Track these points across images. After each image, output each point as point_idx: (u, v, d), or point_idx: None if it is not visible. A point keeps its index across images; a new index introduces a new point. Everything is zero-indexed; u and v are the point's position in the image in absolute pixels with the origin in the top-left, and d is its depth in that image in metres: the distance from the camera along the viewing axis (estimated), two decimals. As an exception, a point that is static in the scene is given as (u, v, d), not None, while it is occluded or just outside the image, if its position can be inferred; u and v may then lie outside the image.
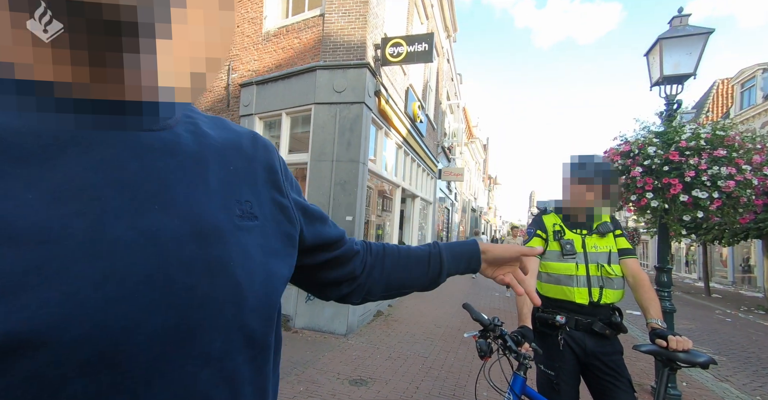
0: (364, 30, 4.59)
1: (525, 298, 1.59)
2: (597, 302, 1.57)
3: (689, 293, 11.35)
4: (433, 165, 9.64)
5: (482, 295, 7.98)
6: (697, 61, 2.72)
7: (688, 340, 1.31)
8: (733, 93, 14.57)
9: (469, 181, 20.37)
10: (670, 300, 2.93)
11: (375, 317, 5.17)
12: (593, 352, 1.56)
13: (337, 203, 4.49)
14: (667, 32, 2.84)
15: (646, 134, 2.91)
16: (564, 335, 1.60)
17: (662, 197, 2.71)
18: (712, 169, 2.50)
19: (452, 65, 12.44)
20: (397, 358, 3.64)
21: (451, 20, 10.19)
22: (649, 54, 3.02)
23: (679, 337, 1.33)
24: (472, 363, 3.63)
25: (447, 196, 13.39)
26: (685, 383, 3.50)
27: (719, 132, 2.60)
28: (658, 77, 2.90)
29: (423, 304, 6.34)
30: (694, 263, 16.80)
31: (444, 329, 4.82)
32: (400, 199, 7.06)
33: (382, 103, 5.02)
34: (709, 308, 8.51)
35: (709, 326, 6.45)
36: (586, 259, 1.62)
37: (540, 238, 1.73)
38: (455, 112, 13.73)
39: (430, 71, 8.73)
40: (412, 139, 6.98)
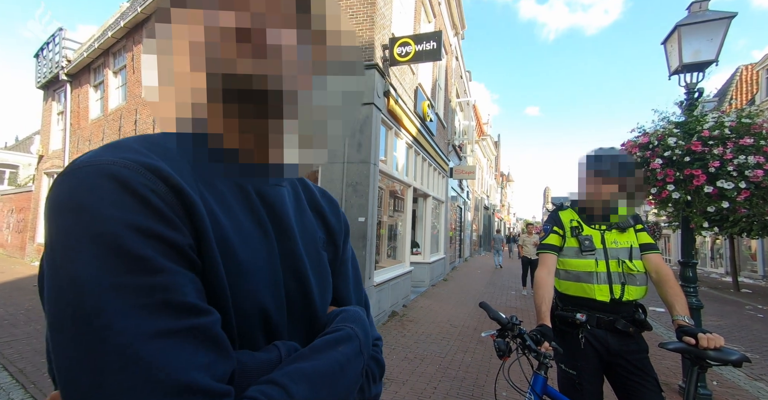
0: (371, 31, 4.59)
1: (543, 296, 1.55)
2: (619, 299, 1.53)
3: (716, 288, 10.90)
4: (444, 164, 9.57)
5: (498, 293, 7.87)
6: (719, 47, 2.61)
7: (719, 337, 1.26)
8: (758, 79, 13.93)
9: (481, 179, 20.14)
10: (696, 296, 2.82)
11: (390, 317, 5.16)
12: (617, 351, 1.52)
13: (349, 204, 4.51)
14: (685, 19, 2.74)
15: (665, 125, 2.81)
16: (585, 333, 1.56)
17: (684, 189, 2.61)
18: (738, 158, 2.39)
19: (461, 62, 12.32)
20: (413, 358, 3.62)
21: (458, 17, 10.10)
22: (666, 42, 2.92)
23: (710, 334, 1.28)
24: (490, 363, 3.58)
25: (459, 194, 13.27)
26: (716, 383, 3.36)
27: (745, 120, 2.49)
28: (677, 66, 2.80)
29: (438, 303, 6.30)
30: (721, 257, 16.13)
31: (460, 329, 4.78)
32: (411, 199, 7.03)
33: (391, 103, 5.01)
34: (738, 304, 8.15)
35: (739, 323, 6.18)
36: (606, 255, 1.58)
37: (557, 234, 1.69)
38: (465, 110, 13.60)
39: (439, 70, 8.67)
40: (423, 139, 6.95)
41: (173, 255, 0.33)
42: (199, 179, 0.41)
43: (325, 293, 0.53)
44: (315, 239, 0.54)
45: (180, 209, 0.35)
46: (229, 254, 0.39)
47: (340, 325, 0.48)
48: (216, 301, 0.37)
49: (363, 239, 4.42)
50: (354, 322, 0.50)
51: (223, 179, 0.44)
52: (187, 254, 0.34)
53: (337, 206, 0.64)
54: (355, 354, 0.46)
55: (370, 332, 0.52)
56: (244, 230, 0.43)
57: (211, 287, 0.37)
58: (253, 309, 0.41)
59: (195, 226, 0.36)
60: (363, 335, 0.49)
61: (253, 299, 0.41)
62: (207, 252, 0.37)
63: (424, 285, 7.71)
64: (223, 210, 0.41)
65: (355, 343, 0.46)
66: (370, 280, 4.53)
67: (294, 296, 0.47)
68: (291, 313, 0.47)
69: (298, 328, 0.48)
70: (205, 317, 0.33)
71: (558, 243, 1.68)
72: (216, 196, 0.41)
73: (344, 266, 0.60)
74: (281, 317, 0.45)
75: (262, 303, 0.42)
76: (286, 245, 0.48)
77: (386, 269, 5.64)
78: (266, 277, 0.43)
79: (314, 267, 0.51)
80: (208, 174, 0.42)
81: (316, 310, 0.50)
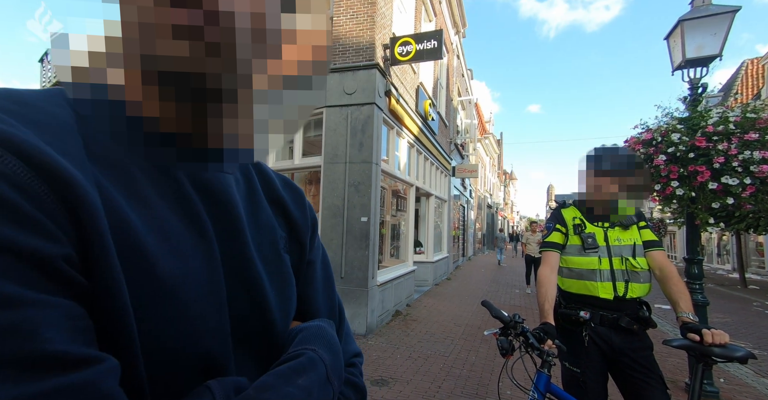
0: (372, 31, 4.59)
1: (546, 294, 1.55)
2: (622, 296, 1.52)
3: (723, 284, 10.80)
4: (447, 163, 9.55)
5: (502, 291, 7.85)
6: (722, 41, 2.58)
7: (724, 333, 1.25)
8: (764, 73, 13.76)
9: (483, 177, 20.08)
10: (702, 293, 2.80)
11: (394, 317, 5.17)
12: (621, 348, 1.51)
13: (351, 204, 4.51)
14: (688, 13, 2.71)
15: (669, 121, 2.79)
16: (589, 331, 1.55)
17: (688, 185, 2.59)
18: (743, 154, 2.37)
19: (462, 61, 12.29)
20: (417, 357, 3.63)
21: (459, 16, 10.07)
22: (669, 37, 2.89)
23: (715, 330, 1.27)
24: (494, 361, 3.57)
25: (462, 193, 13.24)
26: (723, 380, 3.34)
27: (750, 114, 2.47)
28: (681, 61, 2.77)
29: (441, 302, 6.30)
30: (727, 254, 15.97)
31: (464, 328, 4.77)
32: (414, 198, 7.03)
33: (392, 102, 5.01)
34: (745, 300, 8.07)
35: (746, 319, 6.12)
36: (609, 252, 1.57)
37: (560, 232, 1.69)
38: (467, 108, 13.55)
39: (440, 68, 8.65)
40: (425, 138, 6.94)
41: (30, 274, 0.22)
42: (98, 162, 0.29)
43: (287, 307, 0.42)
44: (274, 238, 0.44)
45: (53, 203, 0.24)
46: (141, 266, 0.28)
47: (298, 349, 0.37)
48: (116, 337, 0.26)
49: (366, 239, 4.42)
50: (317, 341, 0.39)
51: (133, 162, 0.32)
52: (59, 271, 0.23)
53: (302, 195, 0.52)
54: (321, 385, 0.35)
55: (340, 352, 0.40)
56: (168, 231, 0.31)
57: (110, 317, 0.25)
58: (182, 341, 0.30)
59: (82, 228, 0.25)
60: (330, 357, 0.38)
61: (183, 326, 0.30)
62: (102, 266, 0.25)
63: (428, 284, 7.71)
64: (136, 205, 0.30)
65: (320, 370, 0.36)
66: (373, 279, 4.54)
67: (244, 314, 0.37)
68: (241, 338, 0.37)
69: (251, 356, 0.38)
70: (87, 370, 0.22)
71: (561, 241, 1.67)
72: (124, 186, 0.30)
73: (311, 268, 0.49)
74: (223, 345, 0.34)
75: (194, 331, 0.31)
76: (233, 247, 0.37)
77: (389, 268, 5.64)
78: (202, 293, 0.32)
79: (272, 275, 0.41)
80: (114, 154, 0.30)
81: (275, 329, 0.40)
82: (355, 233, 4.45)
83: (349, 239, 4.47)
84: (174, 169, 0.34)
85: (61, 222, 0.24)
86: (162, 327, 0.29)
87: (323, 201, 4.64)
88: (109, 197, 0.28)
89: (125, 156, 0.31)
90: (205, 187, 0.36)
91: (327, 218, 4.58)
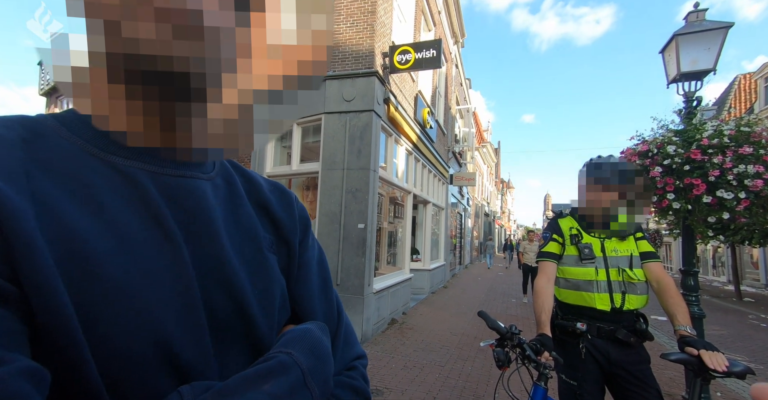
0: (371, 39, 4.65)
1: (542, 305, 1.54)
2: (620, 308, 1.51)
3: (718, 296, 10.82)
4: (445, 170, 9.58)
5: (498, 301, 7.81)
6: (716, 56, 2.63)
7: (723, 357, 1.23)
8: (757, 88, 14.04)
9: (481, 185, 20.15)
10: (698, 305, 2.79)
11: (389, 325, 5.11)
12: (618, 361, 1.49)
13: (348, 210, 4.50)
14: (682, 28, 2.77)
15: (664, 133, 2.82)
16: (586, 343, 1.54)
17: (684, 198, 2.61)
18: (737, 167, 2.39)
19: (461, 70, 12.43)
20: (413, 367, 3.57)
21: (458, 26, 10.23)
22: (664, 51, 2.94)
23: (713, 352, 1.24)
24: (491, 372, 3.53)
25: (459, 201, 13.26)
26: (720, 394, 3.31)
27: (744, 128, 2.49)
28: (675, 74, 2.82)
29: (438, 311, 6.24)
30: (722, 265, 16.03)
31: (460, 337, 4.73)
32: (411, 205, 7.03)
33: (391, 110, 5.04)
34: (741, 313, 8.07)
35: (741, 332, 6.11)
36: (606, 263, 1.56)
37: (557, 242, 1.68)
38: (465, 117, 13.67)
39: (439, 77, 8.74)
40: (423, 146, 6.97)
41: None
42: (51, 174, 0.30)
43: (269, 308, 0.41)
44: (256, 238, 0.43)
45: None
46: (87, 268, 0.28)
47: (273, 352, 0.35)
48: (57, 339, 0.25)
49: (363, 246, 4.40)
50: (296, 345, 0.36)
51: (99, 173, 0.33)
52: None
53: (290, 198, 0.51)
54: (294, 390, 0.32)
55: (326, 355, 0.38)
56: (125, 235, 0.31)
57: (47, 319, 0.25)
58: (141, 343, 0.29)
59: (2, 230, 0.25)
60: (310, 361, 0.35)
61: (139, 328, 0.29)
62: (29, 268, 0.25)
63: (424, 292, 7.65)
64: (87, 210, 0.30)
65: (293, 374, 0.33)
66: (369, 287, 4.50)
67: (223, 316, 0.36)
68: (222, 340, 0.36)
69: (236, 359, 0.37)
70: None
71: (557, 251, 1.67)
72: (79, 195, 0.31)
73: (305, 269, 0.48)
74: (199, 350, 0.33)
75: (157, 333, 0.30)
76: (205, 249, 0.37)
77: (386, 275, 5.60)
78: (168, 295, 0.32)
79: (253, 275, 0.40)
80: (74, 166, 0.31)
81: (258, 330, 0.39)
82: (352, 240, 4.43)
83: (345, 246, 4.44)
84: (137, 176, 0.35)
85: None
86: (117, 330, 0.28)
87: (320, 207, 4.62)
88: (52, 206, 0.29)
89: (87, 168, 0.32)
90: (172, 193, 0.37)
91: (324, 224, 4.56)
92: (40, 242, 0.26)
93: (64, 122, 0.34)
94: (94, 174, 0.33)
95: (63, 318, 0.26)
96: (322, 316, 0.47)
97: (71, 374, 0.26)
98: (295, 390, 0.32)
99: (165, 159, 0.34)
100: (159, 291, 0.32)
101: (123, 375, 0.29)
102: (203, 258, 0.36)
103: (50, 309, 0.25)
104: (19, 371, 0.23)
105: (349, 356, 0.46)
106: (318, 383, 0.35)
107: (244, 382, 0.31)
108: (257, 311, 0.39)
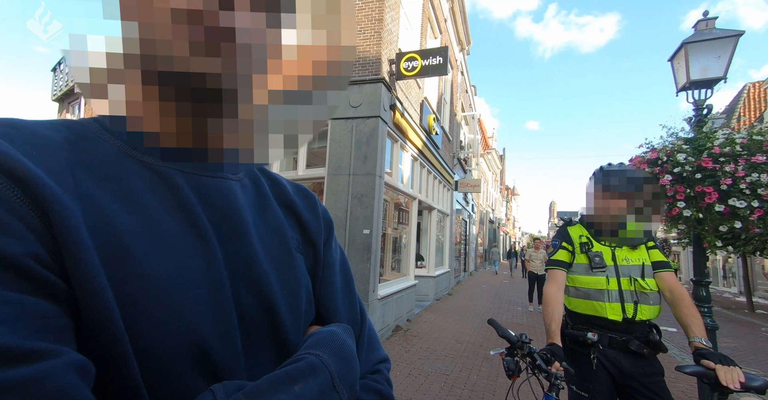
0: (378, 46, 4.70)
1: (552, 313, 1.51)
2: (632, 318, 1.48)
3: (729, 308, 10.58)
4: (450, 177, 9.57)
5: (504, 309, 7.71)
6: (727, 64, 2.62)
7: (739, 373, 1.19)
8: (766, 96, 13.92)
9: (486, 192, 20.07)
10: (711, 316, 2.73)
11: (394, 332, 5.06)
12: (631, 373, 1.46)
13: (354, 216, 4.50)
14: (692, 36, 2.76)
15: (674, 141, 2.79)
16: (597, 353, 1.51)
17: (695, 206, 2.57)
18: (750, 176, 2.35)
19: (466, 77, 12.50)
20: (417, 375, 3.52)
21: (464, 33, 10.31)
22: (673, 59, 2.93)
23: (729, 367, 1.20)
24: (497, 382, 3.47)
25: (464, 207, 13.21)
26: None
27: (756, 137, 2.46)
28: (685, 82, 2.80)
29: (443, 318, 6.17)
30: (733, 276, 15.70)
31: (465, 345, 4.66)
32: (416, 211, 7.01)
33: (397, 116, 5.07)
34: (754, 325, 7.87)
35: (755, 345, 5.95)
36: (617, 272, 1.54)
37: (566, 250, 1.66)
38: (470, 124, 13.69)
39: (444, 84, 8.79)
40: (428, 152, 6.98)
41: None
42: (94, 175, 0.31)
43: (296, 308, 0.41)
44: (284, 239, 0.43)
45: (24, 205, 0.25)
46: (128, 267, 0.28)
47: (301, 354, 0.35)
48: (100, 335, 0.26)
49: (368, 252, 4.38)
50: (323, 346, 0.36)
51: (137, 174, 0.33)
52: (25, 269, 0.23)
53: (314, 200, 0.52)
54: (323, 392, 0.32)
55: (353, 358, 0.38)
56: (163, 234, 0.32)
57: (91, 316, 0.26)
58: (177, 341, 0.29)
59: (54, 228, 0.25)
60: (338, 363, 0.35)
61: (176, 326, 0.30)
62: (78, 266, 0.25)
63: (429, 299, 7.58)
64: (128, 210, 0.31)
65: (322, 376, 0.33)
66: (374, 293, 4.47)
67: (252, 316, 0.36)
68: (250, 340, 0.36)
69: (264, 359, 0.37)
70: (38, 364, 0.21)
71: (567, 259, 1.65)
72: (120, 195, 0.31)
73: (329, 271, 0.48)
74: (230, 349, 0.33)
75: (193, 331, 0.30)
76: (236, 248, 0.37)
77: (390, 282, 5.57)
78: (202, 293, 0.32)
79: (281, 275, 0.40)
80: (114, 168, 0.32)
81: (285, 331, 0.39)
82: (357, 246, 4.42)
83: (351, 252, 4.43)
84: (172, 176, 0.35)
85: (32, 223, 0.25)
86: (155, 327, 0.29)
87: (326, 212, 4.62)
88: (97, 205, 0.29)
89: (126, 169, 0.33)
90: (205, 193, 0.37)
91: (329, 229, 4.56)
92: (87, 240, 0.27)
93: (103, 125, 0.35)
94: (133, 174, 0.33)
95: (107, 315, 0.26)
96: (346, 318, 0.47)
97: (113, 370, 0.26)
98: (324, 393, 0.32)
99: (196, 160, 0.35)
100: (194, 290, 0.32)
101: (159, 372, 0.29)
102: (234, 258, 0.37)
103: (96, 306, 0.26)
104: (69, 364, 0.23)
105: (374, 360, 0.46)
106: (345, 386, 0.35)
107: (275, 383, 0.31)
108: (285, 311, 0.39)
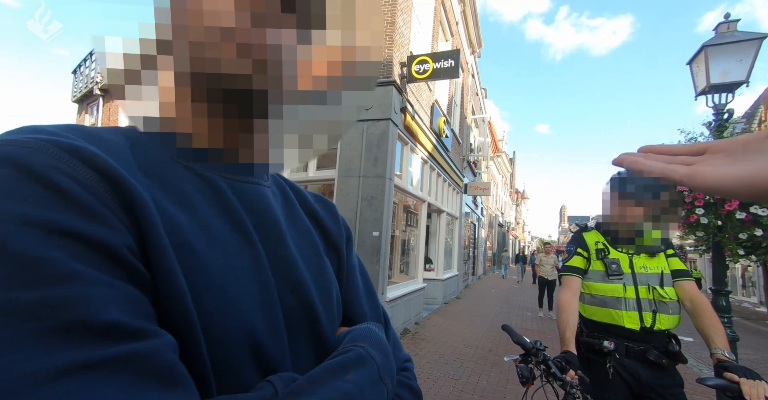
0: (390, 49, 4.71)
1: (567, 320, 1.48)
2: (650, 327, 1.44)
3: (749, 318, 10.24)
4: (459, 180, 9.52)
5: (513, 314, 7.61)
6: (749, 68, 2.55)
7: (766, 387, 1.13)
8: (787, 100, 13.49)
9: (495, 195, 19.90)
10: (731, 327, 2.64)
11: (402, 335, 5.04)
12: (650, 384, 1.42)
13: (363, 218, 4.51)
14: (712, 39, 2.70)
15: (693, 146, 2.73)
16: (614, 362, 1.47)
17: (714, 213, 2.50)
18: (773, 182, 2.28)
19: (477, 80, 12.45)
20: (426, 379, 3.50)
21: (475, 36, 10.28)
22: (692, 62, 2.87)
23: (754, 381, 1.13)
24: (506, 388, 3.42)
25: (473, 211, 13.11)
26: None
27: (779, 142, 2.39)
28: (704, 86, 2.74)
29: (451, 322, 6.12)
30: (753, 286, 15.18)
31: (474, 350, 4.61)
32: (425, 214, 6.99)
33: (407, 119, 5.07)
34: (774, 337, 7.60)
35: (776, 357, 5.74)
36: (635, 280, 1.50)
37: (581, 256, 1.63)
38: (480, 127, 13.61)
39: (455, 87, 8.77)
40: (438, 154, 6.96)
41: (96, 258, 0.24)
42: (150, 177, 0.32)
43: (330, 308, 0.43)
44: (313, 242, 0.45)
45: (114, 201, 0.26)
46: (193, 262, 0.30)
47: (347, 346, 0.37)
48: (177, 324, 0.27)
49: (377, 254, 4.38)
50: (366, 340, 0.38)
51: (185, 178, 0.35)
52: (122, 259, 0.25)
53: (334, 208, 0.55)
54: (372, 382, 0.34)
55: (390, 352, 0.40)
56: (214, 232, 0.33)
57: (169, 306, 0.27)
58: (236, 334, 0.31)
59: (139, 223, 0.27)
60: (381, 356, 0.37)
61: (235, 319, 0.31)
62: (159, 258, 0.27)
63: (437, 302, 7.54)
64: (185, 210, 0.32)
65: (370, 367, 0.35)
66: (383, 295, 4.47)
67: (293, 313, 0.38)
68: (293, 336, 0.38)
69: (304, 355, 0.39)
70: (146, 341, 0.23)
71: (582, 266, 1.62)
72: (174, 195, 0.33)
73: (351, 275, 0.50)
74: (278, 342, 0.35)
75: (248, 325, 0.32)
76: (275, 250, 0.39)
77: (399, 284, 5.55)
78: (253, 291, 0.34)
79: (315, 277, 0.42)
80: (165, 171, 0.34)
81: (322, 329, 0.41)
82: (367, 248, 4.42)
83: (360, 254, 4.43)
84: (216, 181, 0.37)
85: (122, 217, 0.27)
86: (216, 320, 0.30)
87: (336, 214, 4.65)
88: (160, 204, 0.31)
89: (176, 172, 0.35)
90: (245, 197, 0.39)
91: (339, 231, 4.57)
92: (165, 235, 0.28)
93: (148, 133, 0.36)
94: (182, 179, 0.35)
95: (184, 306, 0.28)
96: (372, 319, 0.49)
97: (187, 358, 0.27)
98: (373, 383, 0.34)
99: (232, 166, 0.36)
100: (245, 287, 0.33)
101: (222, 364, 0.30)
102: (274, 259, 0.38)
103: (175, 296, 0.27)
104: (170, 344, 0.25)
105: (400, 358, 0.47)
106: (389, 378, 0.36)
107: (330, 371, 0.33)
108: (321, 310, 0.41)
